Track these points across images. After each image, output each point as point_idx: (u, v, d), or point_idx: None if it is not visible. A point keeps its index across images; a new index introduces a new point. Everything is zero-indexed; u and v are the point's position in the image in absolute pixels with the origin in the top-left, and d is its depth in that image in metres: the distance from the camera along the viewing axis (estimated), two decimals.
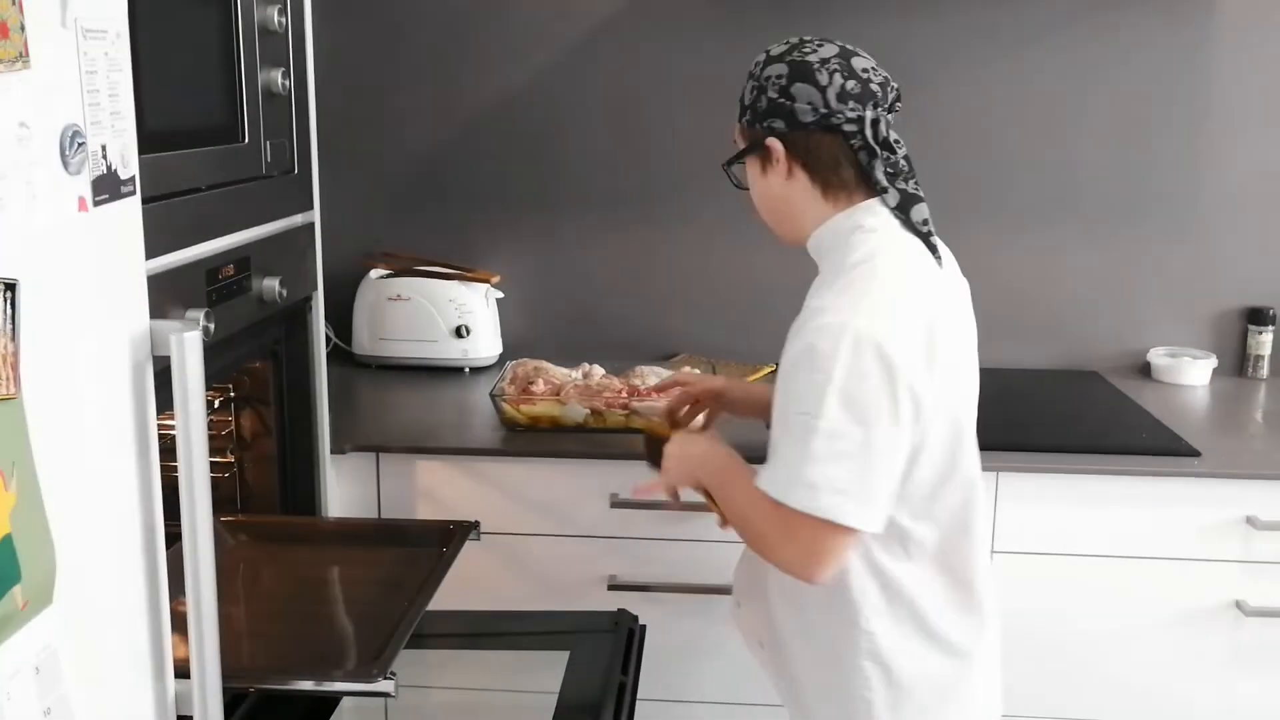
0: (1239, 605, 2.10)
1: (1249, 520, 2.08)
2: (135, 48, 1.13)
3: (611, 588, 2.15)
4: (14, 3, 0.92)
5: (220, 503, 1.71)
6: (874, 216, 1.53)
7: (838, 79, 1.51)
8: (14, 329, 0.93)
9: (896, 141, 1.55)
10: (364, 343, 2.67)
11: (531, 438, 2.19)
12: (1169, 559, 2.11)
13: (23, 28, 0.93)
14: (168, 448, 1.20)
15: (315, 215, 1.91)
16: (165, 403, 1.19)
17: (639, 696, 1.77)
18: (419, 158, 2.73)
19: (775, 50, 1.55)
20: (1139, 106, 2.61)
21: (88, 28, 1.04)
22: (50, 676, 0.99)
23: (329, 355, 2.05)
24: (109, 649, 1.12)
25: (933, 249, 1.53)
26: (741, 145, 1.59)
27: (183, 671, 1.25)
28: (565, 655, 1.81)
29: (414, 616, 1.55)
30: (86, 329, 1.06)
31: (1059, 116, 2.63)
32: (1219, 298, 2.68)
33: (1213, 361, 2.62)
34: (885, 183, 1.53)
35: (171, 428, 1.19)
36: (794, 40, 1.55)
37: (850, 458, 1.39)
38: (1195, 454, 2.11)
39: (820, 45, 1.54)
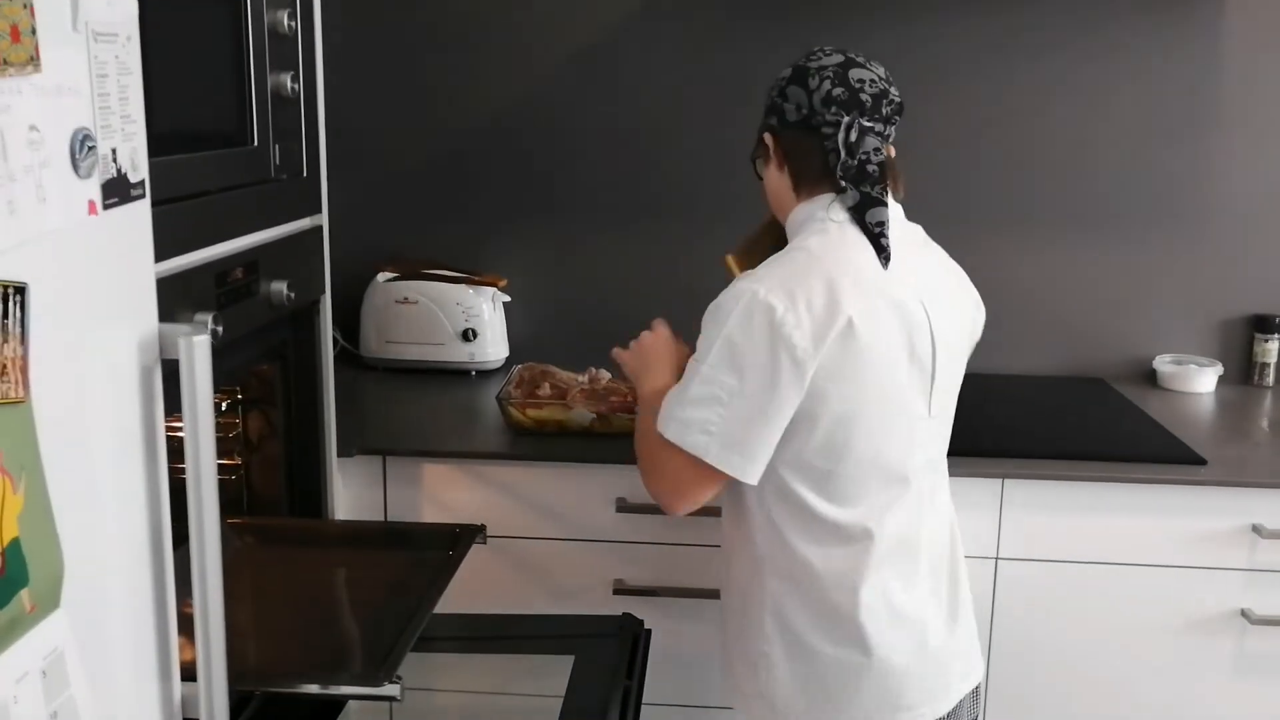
0: (1244, 614, 2.10)
1: (1255, 528, 2.07)
2: (145, 51, 1.14)
3: (617, 592, 2.15)
4: (25, 6, 0.92)
5: (227, 504, 1.71)
6: (830, 211, 1.62)
7: (826, 85, 1.62)
8: (24, 332, 0.93)
9: (876, 150, 1.63)
10: (371, 345, 2.67)
11: (538, 442, 2.19)
12: (1174, 567, 2.11)
13: (34, 31, 0.94)
14: (175, 449, 1.21)
15: (324, 219, 1.91)
16: (173, 404, 1.19)
17: (644, 701, 1.77)
18: (427, 161, 2.74)
19: (799, 61, 1.68)
20: (1147, 115, 2.61)
21: (98, 31, 1.05)
22: (57, 679, 0.99)
23: (336, 357, 2.06)
24: (116, 652, 1.12)
25: (881, 249, 1.59)
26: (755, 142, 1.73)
27: (189, 674, 1.25)
28: (570, 659, 1.81)
29: (420, 620, 1.55)
30: (95, 332, 1.07)
31: (1067, 126, 2.63)
32: (1225, 305, 2.68)
33: (1219, 369, 2.62)
34: (844, 183, 1.62)
35: (179, 429, 1.19)
36: (816, 49, 1.68)
37: (721, 403, 1.53)
38: (1201, 462, 2.11)
39: (829, 54, 1.66)
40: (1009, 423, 2.36)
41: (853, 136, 1.61)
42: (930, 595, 1.66)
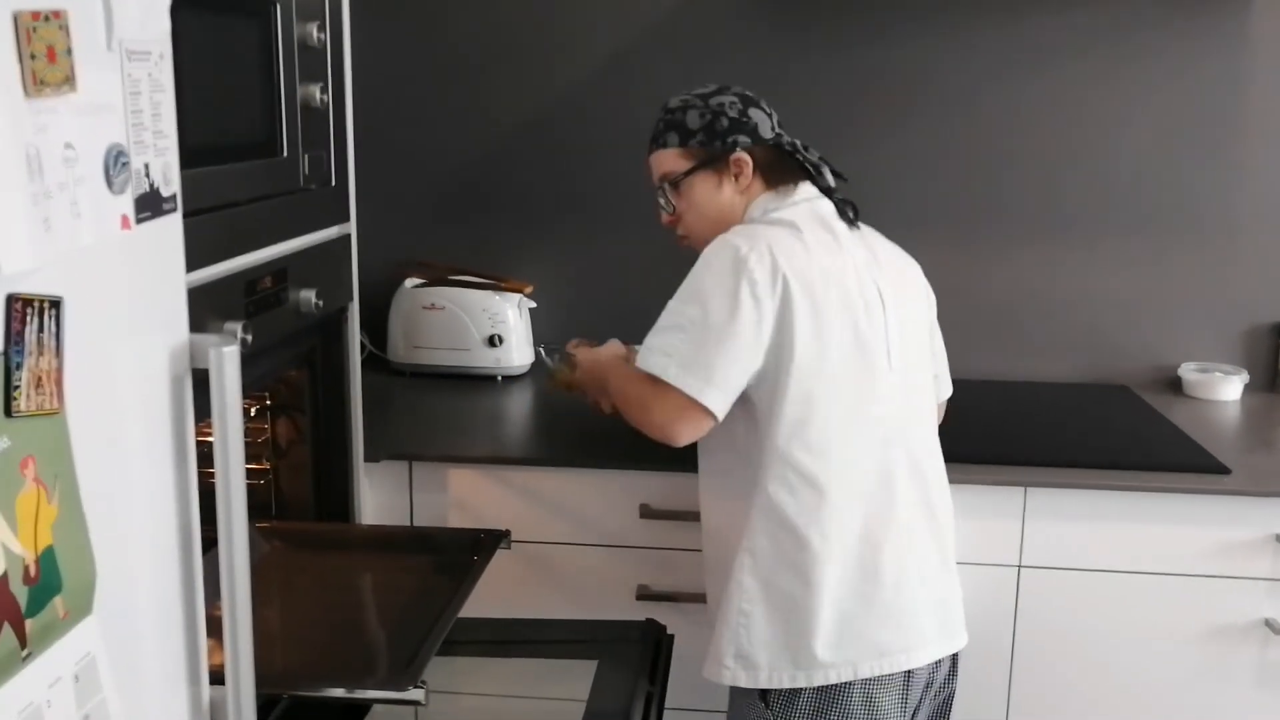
0: (1268, 624, 2.09)
1: (1279, 538, 2.07)
2: (177, 65, 1.15)
3: (640, 597, 2.17)
4: (61, 28, 0.95)
5: (255, 509, 1.74)
6: (799, 193, 1.80)
7: (771, 111, 1.86)
8: (59, 345, 0.95)
9: (823, 158, 1.86)
10: (399, 350, 2.70)
11: (563, 447, 2.20)
12: (1198, 576, 2.10)
13: (69, 51, 0.96)
14: (205, 454, 1.23)
15: (352, 227, 1.93)
16: (203, 410, 1.21)
17: (666, 706, 1.78)
18: (454, 169, 2.76)
19: (703, 91, 1.86)
20: (1174, 122, 2.60)
21: (132, 50, 1.07)
22: (89, 684, 1.01)
23: (364, 362, 2.08)
24: (146, 656, 1.14)
25: (852, 217, 1.81)
26: (685, 165, 1.83)
27: (217, 678, 1.27)
28: (594, 664, 1.83)
29: (444, 625, 1.57)
30: (128, 344, 1.09)
31: (1093, 133, 2.62)
32: (1251, 312, 2.67)
33: (1244, 377, 2.61)
34: (833, 183, 1.84)
35: (209, 434, 1.22)
36: (713, 86, 1.86)
37: (682, 330, 1.66)
38: (1225, 470, 2.11)
39: (744, 89, 1.87)
40: (1032, 430, 2.36)
41: (812, 153, 1.84)
42: (908, 549, 1.73)
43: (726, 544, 1.76)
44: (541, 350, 2.15)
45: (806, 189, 1.81)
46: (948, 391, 1.99)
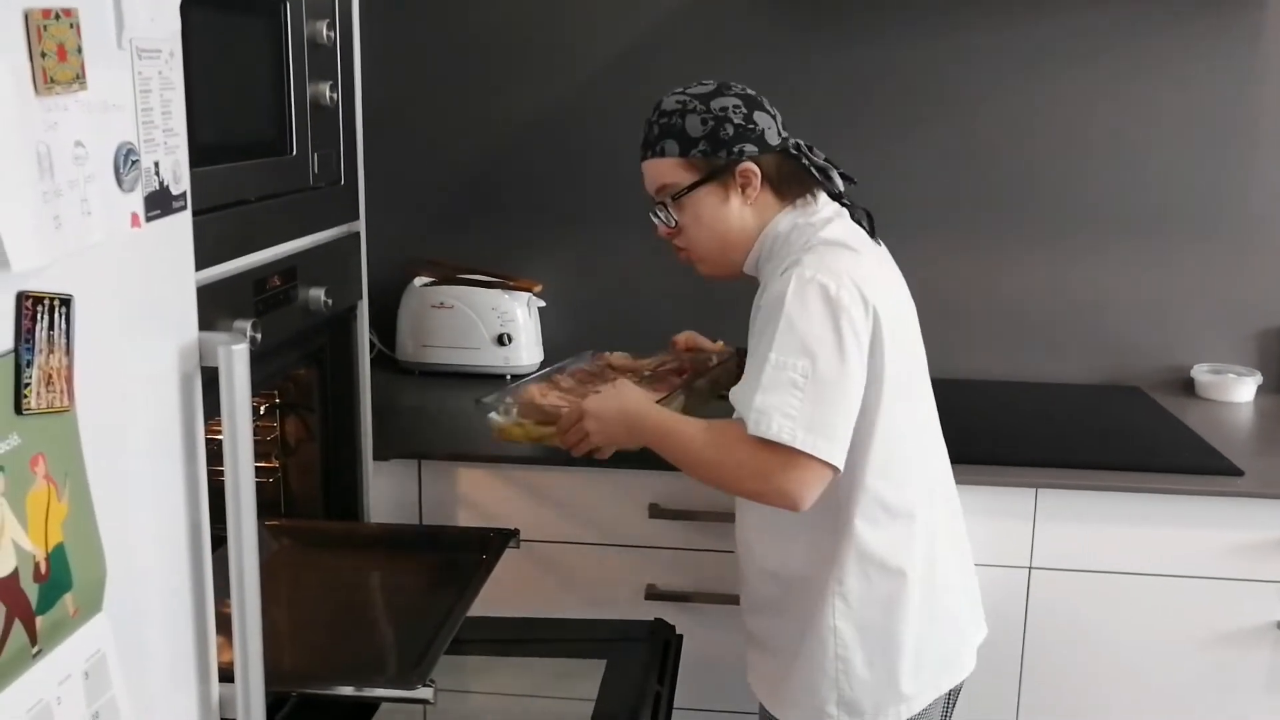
0: None
1: None
2: (187, 64, 1.16)
3: (649, 597, 2.17)
4: (72, 26, 0.95)
5: (264, 507, 1.73)
6: (823, 208, 1.70)
7: (774, 111, 1.72)
8: (69, 343, 0.95)
9: (826, 157, 1.74)
10: (407, 349, 2.70)
11: None
12: (1210, 578, 2.09)
13: (80, 50, 0.96)
14: (214, 452, 1.23)
15: (361, 225, 1.93)
16: (212, 409, 1.21)
17: (675, 706, 1.78)
18: (464, 167, 2.76)
19: (700, 90, 1.70)
20: (1188, 124, 2.59)
21: (142, 48, 1.07)
22: (99, 681, 1.01)
23: (373, 361, 2.08)
24: (155, 653, 1.15)
25: (874, 229, 1.72)
26: (687, 178, 1.68)
27: (226, 675, 1.27)
28: (602, 664, 1.83)
29: (453, 624, 1.57)
30: (138, 342, 1.09)
31: (1107, 134, 2.62)
32: (1265, 314, 2.66)
33: (1257, 379, 2.60)
34: (842, 186, 1.72)
35: (218, 432, 1.22)
36: (710, 81, 1.71)
37: (797, 388, 1.50)
38: (1238, 472, 2.10)
39: (743, 86, 1.72)
40: (1044, 431, 2.35)
41: (817, 154, 1.72)
42: (957, 556, 1.75)
43: (807, 588, 1.67)
44: (479, 402, 1.88)
45: (826, 201, 1.72)
46: None
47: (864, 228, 1.70)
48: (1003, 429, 2.36)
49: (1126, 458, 2.17)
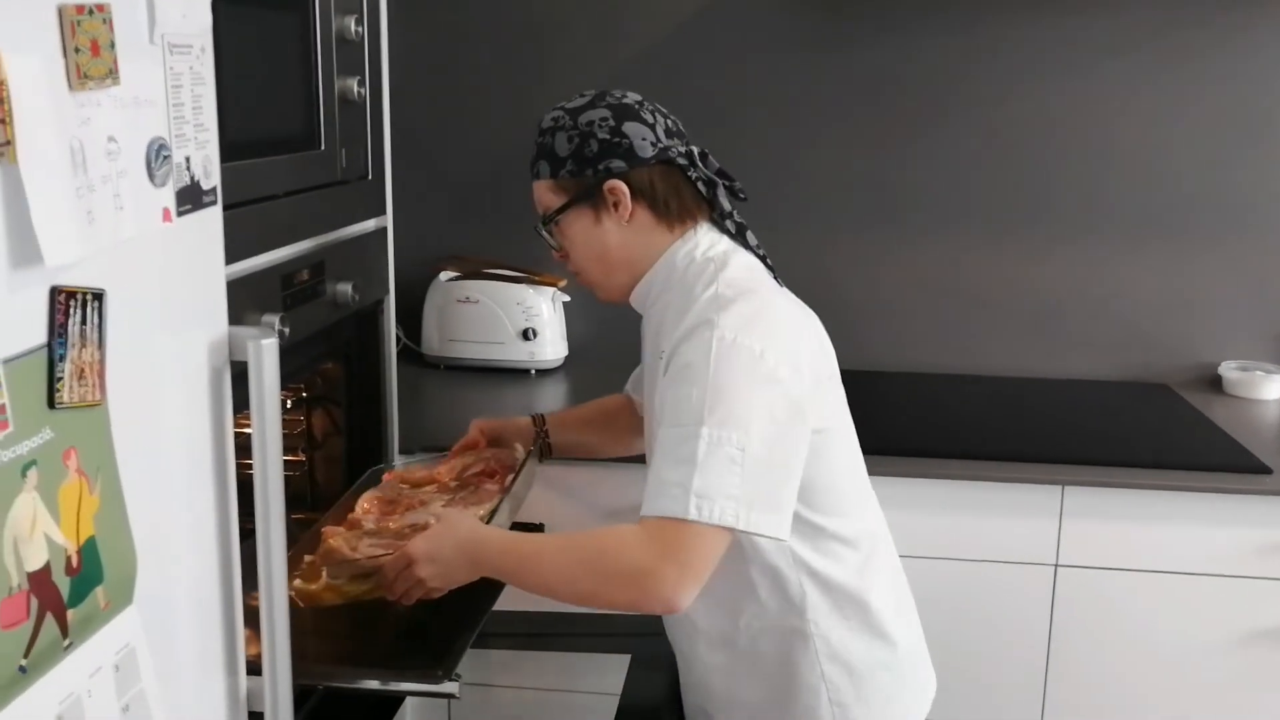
0: None
1: None
2: (218, 59, 1.16)
3: None
4: (105, 21, 0.95)
5: (291, 500, 1.74)
6: (708, 242, 1.55)
7: (659, 117, 1.57)
8: (100, 337, 0.96)
9: (720, 171, 1.60)
10: (433, 343, 2.70)
11: None
12: (1238, 577, 2.08)
13: (113, 45, 0.96)
14: (241, 445, 1.23)
15: (388, 220, 1.94)
16: (241, 402, 1.22)
17: None
18: (490, 162, 2.76)
19: (575, 103, 1.57)
20: (1217, 120, 2.57)
21: (174, 43, 1.07)
22: (129, 674, 1.02)
23: (398, 355, 2.08)
24: (184, 646, 1.15)
25: (770, 269, 1.57)
26: (559, 200, 1.56)
27: (253, 668, 1.28)
28: (627, 659, 1.83)
29: (479, 618, 1.57)
30: (168, 336, 1.09)
31: (1136, 131, 2.60)
32: None
33: None
34: (729, 207, 1.57)
35: (246, 425, 1.22)
36: (589, 93, 1.59)
37: (736, 463, 1.34)
38: (1267, 470, 2.08)
39: (623, 94, 1.59)
40: (1070, 428, 2.34)
41: (714, 163, 1.59)
42: (903, 588, 1.67)
43: (776, 639, 1.55)
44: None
45: (715, 235, 1.57)
46: None
47: (764, 263, 1.58)
48: (1028, 426, 2.35)
49: (1153, 455, 2.16)
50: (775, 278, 1.57)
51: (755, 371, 1.39)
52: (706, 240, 1.55)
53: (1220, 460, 2.14)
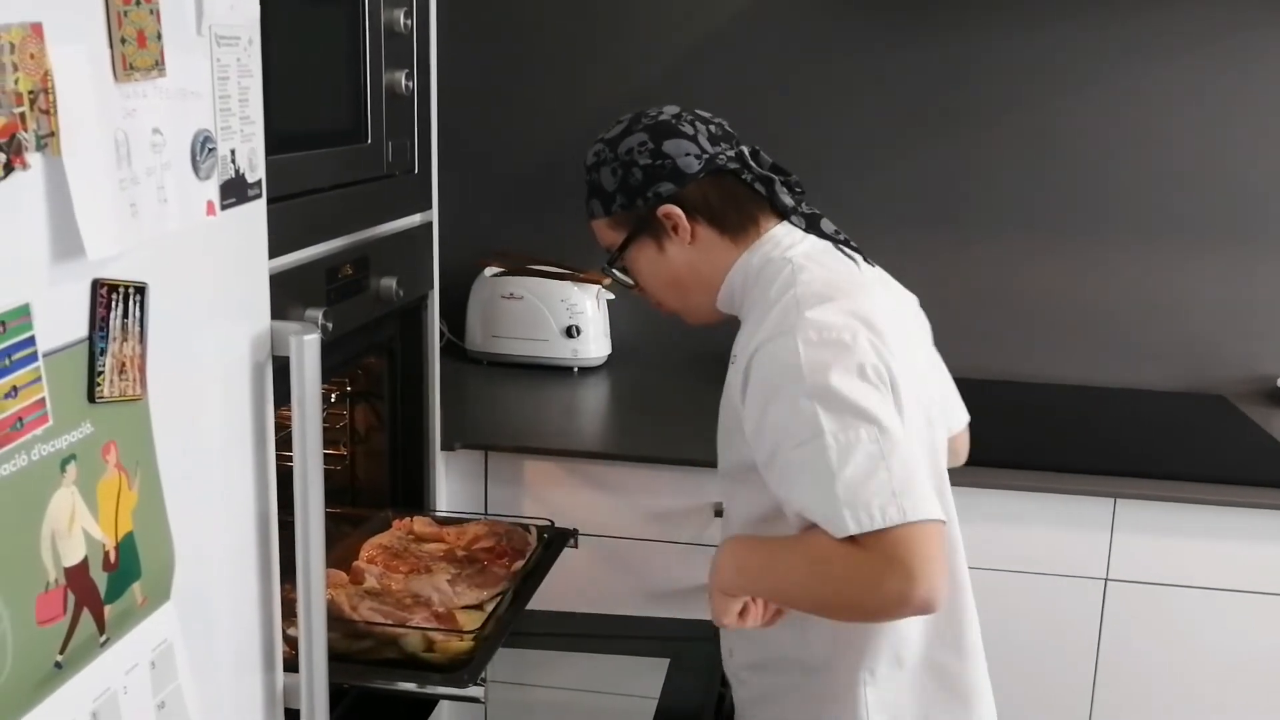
0: None
1: None
2: (264, 50, 1.15)
3: None
4: (152, 12, 0.94)
5: (332, 494, 1.73)
6: (786, 242, 1.47)
7: (700, 125, 1.49)
8: (142, 331, 0.95)
9: (774, 166, 1.52)
10: (476, 339, 2.69)
11: (638, 440, 2.18)
12: None
13: (159, 36, 0.95)
14: (283, 439, 1.23)
15: (434, 215, 1.93)
16: (282, 396, 1.21)
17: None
18: (536, 158, 2.75)
19: (612, 132, 1.52)
20: (1276, 126, 2.51)
21: (221, 35, 1.06)
22: (165, 671, 1.01)
23: (442, 350, 2.08)
24: (221, 643, 1.14)
25: (855, 250, 1.50)
26: (619, 236, 1.51)
27: (289, 666, 1.27)
28: (666, 662, 1.81)
29: (507, 623, 1.56)
30: (211, 330, 1.09)
31: (1194, 136, 2.54)
32: None
33: None
34: (792, 203, 1.49)
35: (288, 419, 1.21)
36: (625, 118, 1.52)
37: (883, 455, 1.26)
38: None
39: (658, 110, 1.51)
40: (1124, 439, 2.30)
41: (766, 159, 1.51)
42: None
43: (831, 678, 1.46)
44: None
45: (785, 233, 1.48)
46: (964, 417, 1.65)
47: (843, 249, 1.49)
48: (1081, 436, 2.31)
49: (1209, 469, 2.11)
50: (864, 259, 1.49)
51: (851, 361, 1.30)
52: (780, 240, 1.47)
53: (1277, 475, 2.08)
